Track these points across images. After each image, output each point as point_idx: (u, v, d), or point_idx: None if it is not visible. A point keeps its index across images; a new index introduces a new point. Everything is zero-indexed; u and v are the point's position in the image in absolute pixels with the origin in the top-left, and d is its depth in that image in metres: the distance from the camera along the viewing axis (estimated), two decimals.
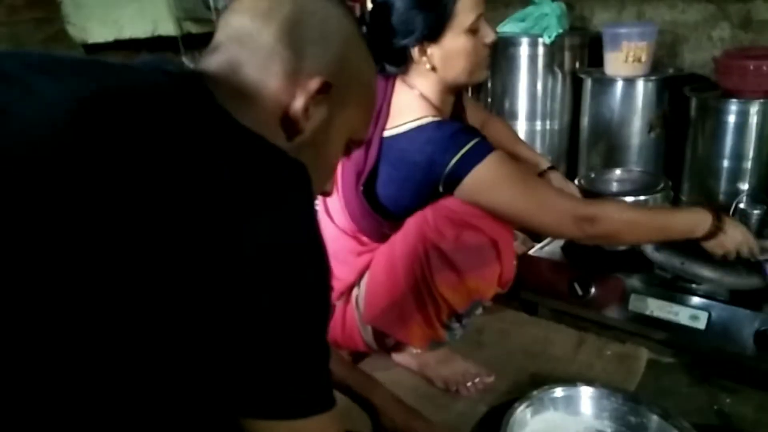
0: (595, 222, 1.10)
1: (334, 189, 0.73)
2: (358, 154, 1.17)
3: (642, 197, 1.42)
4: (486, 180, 1.09)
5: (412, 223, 1.18)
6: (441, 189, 1.12)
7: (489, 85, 2.27)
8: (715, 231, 1.14)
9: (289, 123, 0.60)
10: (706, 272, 1.26)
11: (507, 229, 1.17)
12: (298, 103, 0.59)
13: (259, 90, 0.58)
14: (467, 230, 1.14)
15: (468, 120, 1.39)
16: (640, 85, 2.01)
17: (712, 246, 1.16)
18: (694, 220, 1.16)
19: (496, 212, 1.12)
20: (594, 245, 1.38)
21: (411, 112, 1.14)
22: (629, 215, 1.15)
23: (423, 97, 1.16)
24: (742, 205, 1.80)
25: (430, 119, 1.12)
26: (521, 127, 2.21)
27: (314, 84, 0.59)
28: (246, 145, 0.52)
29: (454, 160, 1.08)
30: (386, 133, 1.15)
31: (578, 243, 1.31)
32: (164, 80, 0.55)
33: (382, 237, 1.23)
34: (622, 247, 1.41)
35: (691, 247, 1.19)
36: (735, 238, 1.16)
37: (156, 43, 2.21)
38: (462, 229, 1.14)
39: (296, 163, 0.54)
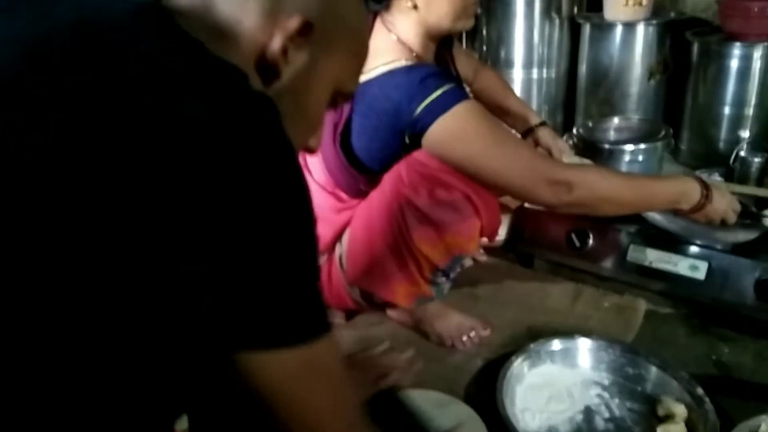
0: (572, 188, 1.04)
1: (319, 145, 0.68)
2: None
3: (641, 145, 1.38)
4: (451, 131, 1.03)
5: (387, 179, 1.13)
6: (407, 140, 1.07)
7: (484, 32, 2.19)
8: (703, 203, 1.10)
9: (266, 66, 0.55)
10: (702, 227, 1.23)
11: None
12: (276, 44, 0.54)
13: (233, 28, 0.53)
14: (440, 186, 1.09)
15: (459, 71, 1.33)
16: (641, 29, 1.94)
17: (697, 217, 1.14)
18: (681, 191, 1.11)
19: (462, 168, 1.06)
20: None
21: (384, 55, 1.07)
22: (610, 184, 1.09)
23: (401, 41, 1.10)
24: (742, 153, 1.77)
25: (402, 63, 1.06)
26: (517, 76, 2.14)
27: (293, 23, 0.54)
28: (219, 73, 0.48)
29: (419, 108, 1.02)
30: (360, 79, 1.09)
31: (553, 211, 1.22)
32: (130, 9, 0.50)
33: (359, 193, 1.19)
34: None
35: None
36: (720, 208, 1.13)
37: None
38: (434, 184, 1.09)
39: (264, 96, 0.50)
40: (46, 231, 0.43)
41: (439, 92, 1.02)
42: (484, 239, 1.22)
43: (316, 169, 1.20)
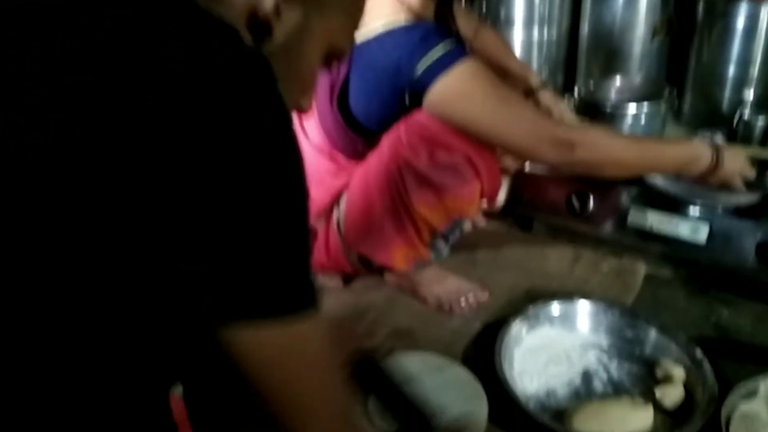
0: (576, 147, 1.02)
1: (311, 105, 0.65)
2: None
3: (644, 106, 1.35)
4: (453, 91, 1.00)
5: (386, 141, 1.11)
6: (408, 100, 1.04)
7: None
8: (714, 168, 1.08)
9: (258, 24, 0.53)
10: (704, 189, 1.21)
11: (483, 144, 1.09)
12: (268, 1, 0.52)
13: None
14: (440, 147, 1.07)
15: (459, 30, 1.29)
16: None
17: (712, 181, 1.12)
18: (690, 155, 1.09)
19: (465, 128, 1.04)
20: None
21: (384, 14, 1.04)
22: (615, 145, 1.07)
23: None
24: (746, 114, 1.74)
25: (402, 21, 1.03)
26: (517, 36, 2.09)
27: None
28: (210, 29, 0.46)
29: (420, 67, 0.99)
30: (358, 39, 1.06)
31: (557, 170, 1.19)
32: None
33: (357, 155, 1.16)
34: None
35: None
36: (735, 168, 1.11)
37: None
38: (435, 146, 1.07)
39: (257, 52, 0.48)
40: (30, 192, 0.41)
41: (440, 50, 0.99)
42: (484, 203, 1.21)
43: (312, 131, 1.17)
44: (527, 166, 1.46)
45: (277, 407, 0.50)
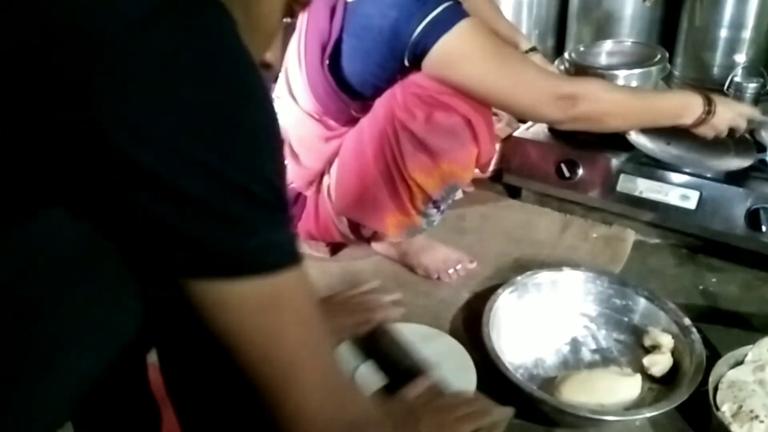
0: (578, 101, 1.01)
1: (276, 61, 0.62)
2: (322, 24, 1.04)
3: (637, 70, 1.32)
4: (455, 51, 0.98)
5: (380, 104, 1.08)
6: (407, 62, 1.01)
7: None
8: (705, 118, 1.07)
9: None
10: (694, 155, 1.20)
11: (483, 106, 1.07)
12: None
13: None
14: (438, 109, 1.04)
15: None
16: None
17: (704, 131, 1.10)
18: (684, 103, 1.08)
19: (467, 89, 1.02)
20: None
21: None
22: (615, 94, 1.07)
23: None
24: (737, 78, 1.71)
25: None
26: None
27: None
28: None
29: (419, 28, 0.96)
30: None
31: (559, 128, 1.18)
32: None
33: (349, 120, 1.13)
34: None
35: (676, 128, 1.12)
36: (726, 116, 1.09)
37: None
38: (433, 108, 1.04)
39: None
40: None
41: (439, 9, 0.96)
42: (477, 170, 1.18)
43: (301, 95, 1.13)
44: (517, 133, 1.44)
45: (261, 366, 0.49)
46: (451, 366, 0.95)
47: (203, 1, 0.43)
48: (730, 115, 1.10)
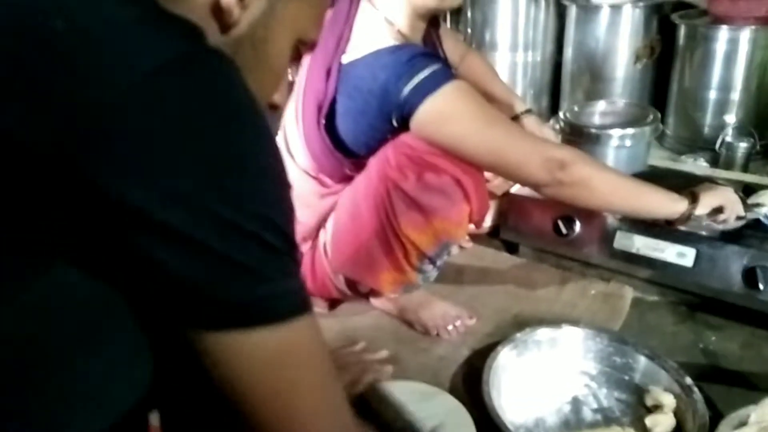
0: (567, 166, 1.02)
1: (283, 102, 0.64)
2: (318, 84, 1.07)
3: (630, 130, 1.35)
4: (440, 112, 1.00)
5: (374, 163, 1.10)
6: (395, 122, 1.03)
7: (468, 14, 2.15)
8: (688, 216, 1.10)
9: (222, 13, 0.52)
10: None
11: (472, 166, 1.08)
12: None
13: None
14: (428, 170, 1.06)
15: (446, 53, 1.29)
16: (627, 12, 1.92)
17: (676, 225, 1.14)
18: (668, 204, 1.11)
19: (454, 149, 1.03)
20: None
21: (371, 35, 1.04)
22: (604, 167, 1.10)
23: (388, 21, 1.06)
24: (728, 138, 1.76)
25: (389, 42, 1.02)
26: (502, 59, 2.11)
27: None
28: (168, 27, 0.44)
29: (407, 89, 0.98)
30: (345, 59, 1.05)
31: (543, 192, 1.13)
32: None
33: (344, 178, 1.15)
34: None
35: None
36: (711, 202, 1.12)
37: None
38: (423, 168, 1.06)
39: (218, 50, 0.46)
40: None
41: (427, 72, 0.98)
42: (472, 226, 1.20)
43: (298, 153, 1.16)
44: (514, 189, 1.46)
45: (269, 420, 0.48)
46: (451, 425, 0.94)
47: (208, 52, 0.44)
48: (716, 201, 1.12)
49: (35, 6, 0.42)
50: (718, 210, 1.12)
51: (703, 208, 1.10)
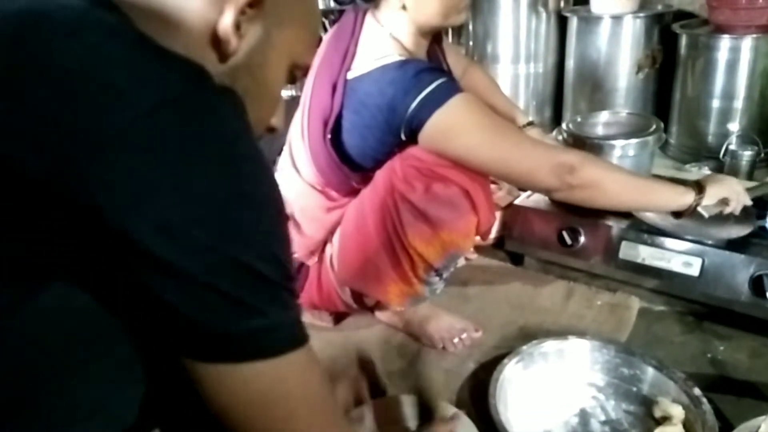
0: (575, 170, 1.02)
1: (280, 125, 0.65)
2: (324, 99, 1.08)
3: (634, 140, 1.35)
4: (448, 125, 1.01)
5: (380, 175, 1.10)
6: (403, 136, 1.04)
7: (470, 27, 2.16)
8: (695, 207, 1.09)
9: (219, 43, 0.52)
10: (695, 223, 1.20)
11: (480, 177, 1.09)
12: (228, 19, 0.51)
13: (181, 8, 0.50)
14: (436, 181, 1.06)
15: (449, 67, 1.30)
16: (628, 22, 1.92)
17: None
18: (676, 197, 1.09)
19: (463, 161, 1.04)
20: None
21: (377, 51, 1.05)
22: (611, 167, 1.10)
23: (393, 37, 1.07)
24: (732, 147, 1.75)
25: (395, 58, 1.03)
26: (504, 71, 2.12)
27: None
28: (165, 67, 0.45)
29: (414, 104, 0.99)
30: (350, 75, 1.06)
31: (554, 197, 1.16)
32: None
33: (351, 191, 1.15)
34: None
35: None
36: (718, 193, 1.10)
37: None
38: (431, 179, 1.06)
39: (220, 88, 0.47)
40: None
41: (433, 86, 0.99)
42: (477, 238, 1.19)
43: (304, 167, 1.16)
44: (518, 201, 1.46)
45: None
46: None
47: (207, 90, 0.45)
48: (722, 192, 1.11)
49: (39, 37, 0.43)
50: (724, 201, 1.11)
51: (709, 199, 1.09)
